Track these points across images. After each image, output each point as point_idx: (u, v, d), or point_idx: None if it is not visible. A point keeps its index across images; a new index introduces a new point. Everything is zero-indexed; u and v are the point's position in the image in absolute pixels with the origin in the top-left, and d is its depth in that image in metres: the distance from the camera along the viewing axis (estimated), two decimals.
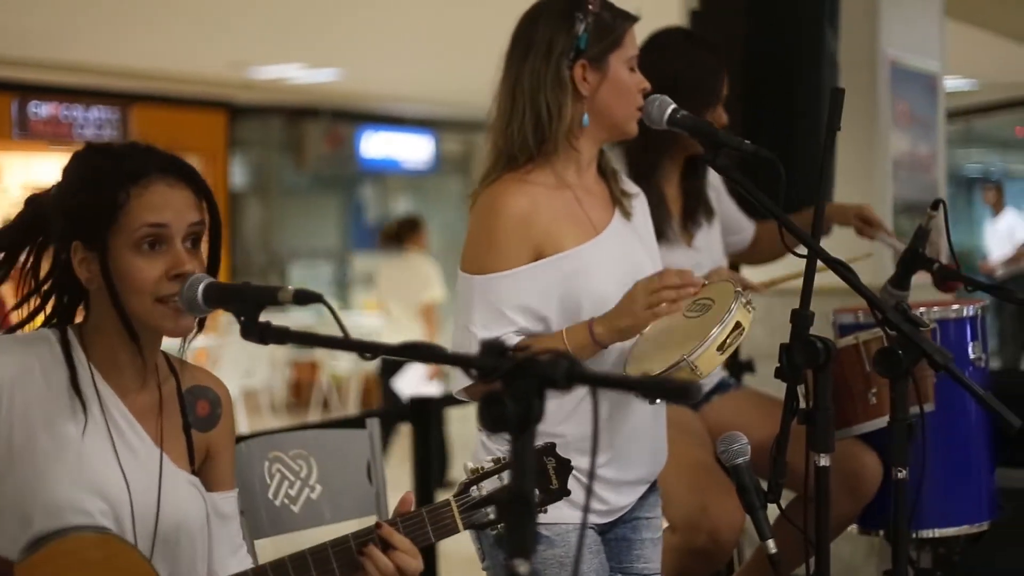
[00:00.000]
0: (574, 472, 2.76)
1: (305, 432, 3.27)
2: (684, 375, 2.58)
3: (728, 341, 2.58)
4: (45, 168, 14.83)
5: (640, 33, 3.76)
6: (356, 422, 3.29)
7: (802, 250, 2.67)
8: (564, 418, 2.75)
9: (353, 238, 17.13)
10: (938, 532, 3.54)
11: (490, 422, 1.71)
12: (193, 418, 2.37)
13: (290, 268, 16.38)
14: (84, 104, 13.90)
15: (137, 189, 2.23)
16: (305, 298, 2.04)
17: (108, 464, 2.22)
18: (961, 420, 3.54)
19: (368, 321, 12.62)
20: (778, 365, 2.62)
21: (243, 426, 10.83)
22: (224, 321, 12.96)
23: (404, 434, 9.15)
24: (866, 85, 5.98)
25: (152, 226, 2.22)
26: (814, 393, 2.58)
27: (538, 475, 2.28)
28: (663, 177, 3.68)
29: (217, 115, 15.27)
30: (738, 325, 2.59)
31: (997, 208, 14.08)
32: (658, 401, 2.74)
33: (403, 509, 2.37)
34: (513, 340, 2.71)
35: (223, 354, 11.34)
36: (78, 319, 2.34)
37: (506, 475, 2.35)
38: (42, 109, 13.53)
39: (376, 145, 16.82)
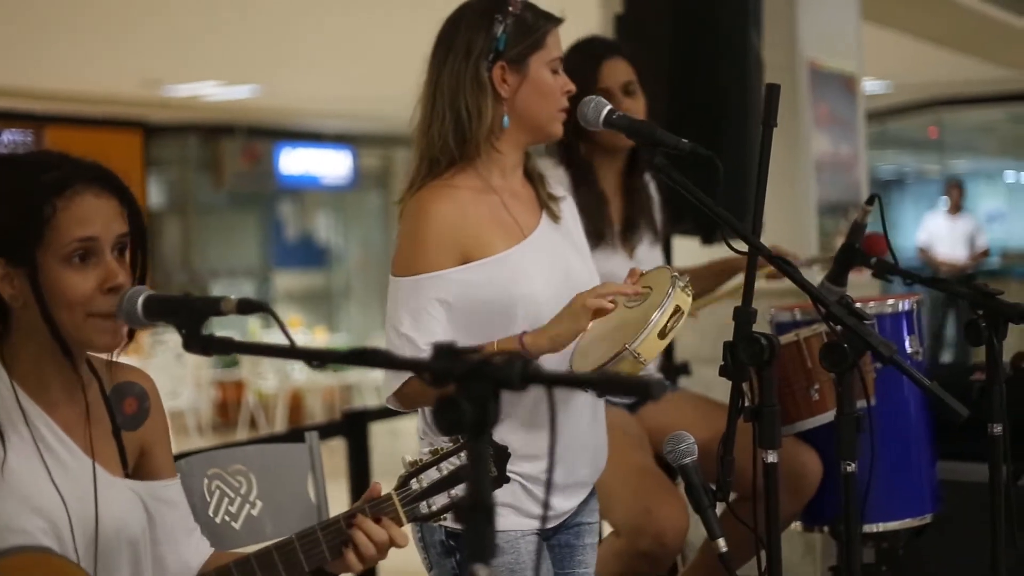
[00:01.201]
0: (520, 481, 2.76)
1: (245, 448, 3.22)
2: (627, 364, 2.55)
3: (669, 325, 2.56)
4: None
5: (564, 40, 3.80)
6: (295, 436, 3.23)
7: (741, 246, 2.66)
8: (514, 428, 2.72)
9: (274, 255, 17.01)
10: (882, 526, 3.55)
11: (445, 426, 1.68)
12: (121, 418, 2.31)
13: (211, 287, 16.20)
14: None
15: (63, 201, 2.16)
16: (249, 307, 1.99)
17: (41, 482, 2.16)
18: (902, 414, 3.55)
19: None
20: (722, 363, 2.60)
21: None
22: (148, 343, 12.82)
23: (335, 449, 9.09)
24: (787, 87, 5.97)
25: (82, 240, 2.16)
26: (759, 390, 2.57)
27: None
28: (603, 179, 3.67)
29: (132, 134, 15.11)
30: (678, 309, 2.57)
31: (955, 209, 14.20)
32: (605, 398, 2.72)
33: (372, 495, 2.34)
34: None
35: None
36: None
37: (443, 466, 2.33)
38: None
39: (294, 161, 16.72)
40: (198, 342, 2.02)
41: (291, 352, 1.94)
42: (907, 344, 3.53)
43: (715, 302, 3.94)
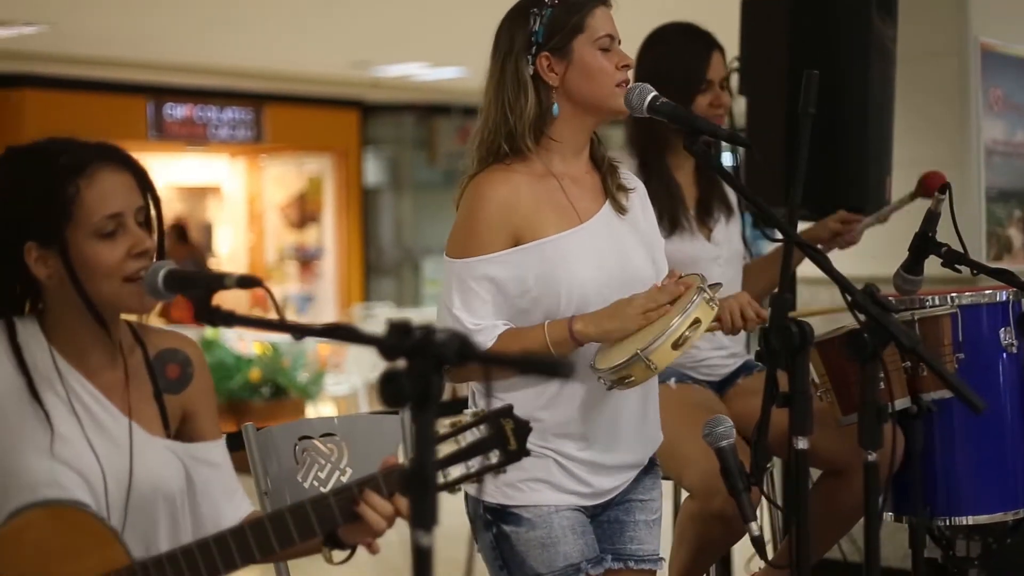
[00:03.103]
0: (555, 457, 2.84)
1: (335, 419, 3.37)
2: (639, 369, 2.64)
3: (685, 335, 2.62)
4: (183, 168, 15.29)
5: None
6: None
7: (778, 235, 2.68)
8: (544, 404, 2.80)
9: None
10: (972, 519, 3.50)
11: (388, 398, 1.78)
12: (164, 382, 2.46)
13: (424, 263, 16.57)
14: (218, 105, 14.26)
15: (85, 180, 2.32)
16: (247, 282, 2.14)
17: (77, 441, 2.33)
18: (994, 405, 3.48)
19: None
20: (758, 349, 2.64)
21: None
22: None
23: None
24: (955, 70, 5.90)
25: (110, 216, 2.32)
26: (791, 377, 2.59)
27: (497, 437, 2.32)
28: (675, 167, 3.74)
29: (349, 113, 15.53)
30: (696, 321, 2.63)
31: None
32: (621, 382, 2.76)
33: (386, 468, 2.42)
34: (496, 333, 2.77)
35: (347, 348, 11.51)
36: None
37: (482, 428, 2.40)
38: (177, 111, 13.91)
39: None
40: (206, 313, 2.18)
41: (277, 325, 2.07)
42: (1002, 336, 3.47)
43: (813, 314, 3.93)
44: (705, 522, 3.41)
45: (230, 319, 2.15)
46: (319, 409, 11.35)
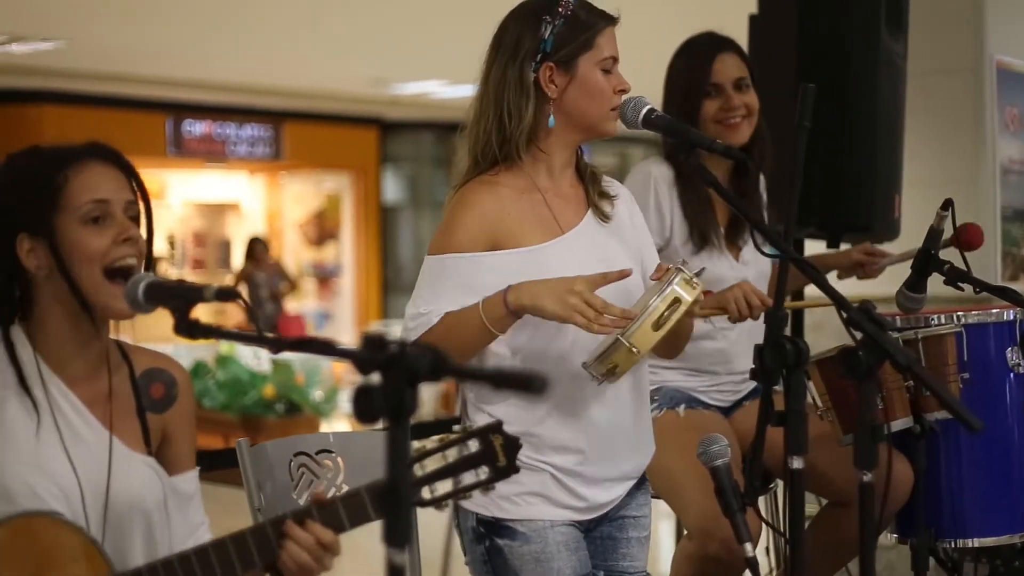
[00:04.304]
0: (551, 471, 2.79)
1: (331, 434, 3.34)
2: (622, 355, 2.57)
3: (665, 314, 2.55)
4: (202, 185, 15.32)
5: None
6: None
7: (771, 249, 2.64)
8: (539, 418, 2.76)
9: None
10: (978, 542, 3.45)
11: (361, 413, 1.75)
12: (148, 401, 2.44)
13: None
14: (237, 122, 14.29)
15: (73, 170, 2.33)
16: (224, 295, 2.11)
17: (56, 452, 2.30)
18: (1001, 426, 3.44)
19: None
20: (752, 367, 2.59)
21: None
22: None
23: None
24: (970, 88, 5.85)
25: (95, 202, 2.33)
26: (786, 394, 2.55)
27: (486, 453, 2.28)
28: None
29: (368, 131, 15.56)
30: (676, 300, 2.55)
31: None
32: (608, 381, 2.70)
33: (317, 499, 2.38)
34: (435, 318, 2.73)
35: None
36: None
37: (471, 444, 2.36)
38: (196, 127, 13.96)
39: None
40: (186, 326, 2.14)
41: (253, 339, 2.04)
42: (1008, 356, 3.42)
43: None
44: (702, 563, 3.36)
45: (208, 332, 2.11)
46: (333, 426, 11.33)
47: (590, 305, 2.58)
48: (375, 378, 1.75)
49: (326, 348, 1.93)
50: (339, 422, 11.57)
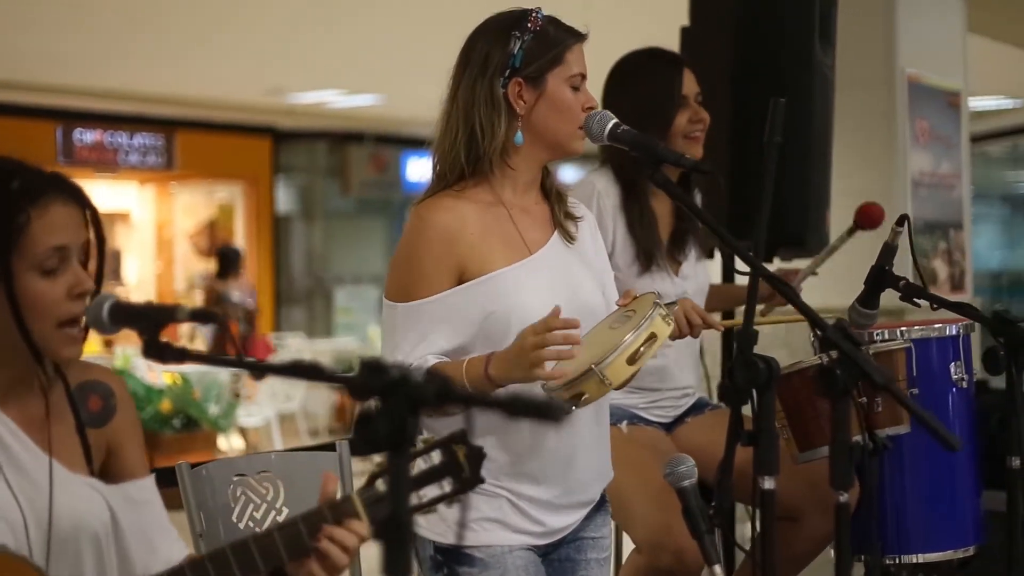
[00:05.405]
0: (508, 497, 2.73)
1: (272, 455, 3.25)
2: (593, 385, 2.53)
3: (640, 351, 2.53)
4: (93, 194, 14.98)
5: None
6: (327, 446, 3.25)
7: (743, 267, 2.61)
8: (496, 443, 2.71)
9: None
10: (922, 557, 3.46)
11: (362, 443, 1.67)
12: (86, 415, 2.33)
13: (336, 293, 16.41)
14: (129, 131, 14.05)
15: (37, 210, 2.20)
16: (200, 317, 2.02)
17: None
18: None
19: None
20: (719, 386, 2.55)
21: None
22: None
23: None
24: (883, 102, 5.91)
25: (56, 248, 2.20)
26: (757, 414, 2.51)
27: (449, 464, 2.21)
28: (654, 196, 3.63)
29: (261, 140, 15.39)
30: (652, 336, 2.54)
31: None
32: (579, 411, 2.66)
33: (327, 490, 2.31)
34: (430, 361, 2.67)
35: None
36: None
37: (434, 455, 2.28)
38: (87, 136, 13.70)
39: (421, 169, 16.83)
40: (155, 349, 2.04)
41: (234, 362, 1.95)
42: (952, 370, 3.43)
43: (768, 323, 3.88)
44: None
45: (183, 355, 2.02)
46: (231, 441, 11.15)
47: (538, 347, 2.53)
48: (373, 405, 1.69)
49: (316, 373, 1.85)
50: (236, 437, 11.41)
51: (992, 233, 15.43)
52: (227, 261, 12.72)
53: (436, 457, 2.20)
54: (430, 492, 2.23)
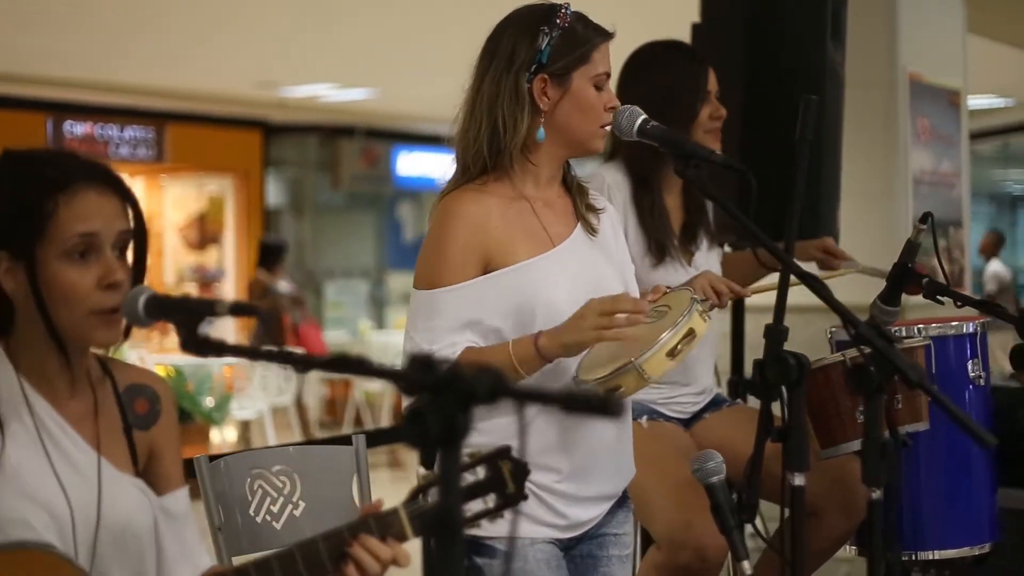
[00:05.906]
0: (534, 490, 2.73)
1: (288, 449, 3.24)
2: (631, 379, 2.54)
3: (679, 347, 2.54)
4: None
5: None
6: (343, 439, 3.24)
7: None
8: (516, 433, 2.70)
9: (389, 257, 17.13)
10: (938, 554, 3.46)
11: (414, 438, 1.66)
12: (132, 417, 2.31)
13: (326, 287, 16.39)
14: (119, 123, 13.99)
15: (65, 197, 2.17)
16: (241, 310, 2.00)
17: (44, 475, 2.17)
18: (960, 439, 3.45)
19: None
20: (746, 380, 2.55)
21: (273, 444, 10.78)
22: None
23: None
24: (884, 101, 5.92)
25: (83, 236, 2.17)
26: (788, 410, 2.51)
27: (494, 480, 2.21)
28: (665, 189, 3.63)
29: (252, 134, 15.34)
30: (691, 331, 2.55)
31: None
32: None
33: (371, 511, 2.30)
34: (456, 350, 2.67)
35: (253, 372, 11.31)
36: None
37: (480, 470, 2.28)
38: (77, 128, 13.64)
39: (412, 163, 16.84)
40: (194, 342, 2.03)
41: (277, 356, 1.93)
42: (969, 368, 3.44)
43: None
44: (671, 573, 3.33)
45: (222, 349, 2.00)
46: (224, 434, 11.12)
47: (609, 313, 2.56)
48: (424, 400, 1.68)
49: (363, 367, 1.82)
50: (230, 429, 11.38)
51: (981, 231, 15.50)
52: (272, 253, 12.37)
53: (481, 472, 2.20)
54: (474, 507, 2.24)
